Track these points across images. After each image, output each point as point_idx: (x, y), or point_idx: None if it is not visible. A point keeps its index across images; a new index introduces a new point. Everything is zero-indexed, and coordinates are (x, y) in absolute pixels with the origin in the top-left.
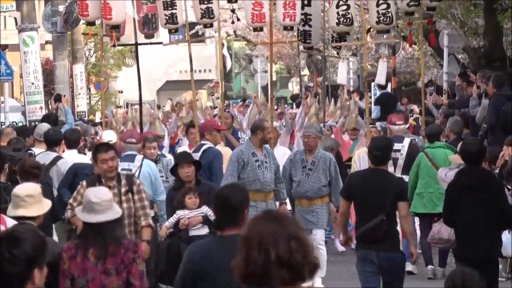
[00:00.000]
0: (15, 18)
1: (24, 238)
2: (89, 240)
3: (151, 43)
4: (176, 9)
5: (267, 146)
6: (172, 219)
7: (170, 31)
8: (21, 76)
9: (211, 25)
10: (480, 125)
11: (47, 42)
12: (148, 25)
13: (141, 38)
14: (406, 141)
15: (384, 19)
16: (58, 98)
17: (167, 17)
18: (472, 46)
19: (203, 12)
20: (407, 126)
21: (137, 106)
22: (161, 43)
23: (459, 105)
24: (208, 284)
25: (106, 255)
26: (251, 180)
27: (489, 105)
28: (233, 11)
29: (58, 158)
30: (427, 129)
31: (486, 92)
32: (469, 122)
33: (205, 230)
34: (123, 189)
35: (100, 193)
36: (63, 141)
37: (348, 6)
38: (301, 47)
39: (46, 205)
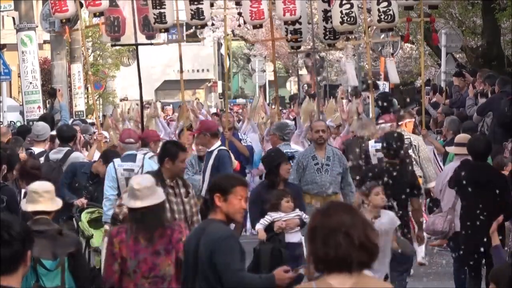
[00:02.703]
0: (13, 18)
1: (12, 220)
2: (136, 225)
3: (151, 44)
4: (165, 8)
5: (335, 149)
6: (265, 221)
7: (161, 31)
8: (19, 76)
9: (203, 26)
10: (477, 125)
11: (45, 42)
12: (148, 26)
13: (142, 39)
14: None
15: (386, 17)
16: (52, 93)
17: (155, 16)
18: (470, 45)
19: (193, 13)
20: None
21: (137, 106)
22: (162, 43)
23: (459, 104)
24: (183, 270)
25: (154, 237)
26: (309, 184)
27: (488, 98)
28: (239, 14)
29: (69, 152)
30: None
31: (483, 92)
32: None
33: (299, 235)
34: (182, 190)
35: (141, 180)
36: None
37: (352, 5)
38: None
39: (59, 202)
